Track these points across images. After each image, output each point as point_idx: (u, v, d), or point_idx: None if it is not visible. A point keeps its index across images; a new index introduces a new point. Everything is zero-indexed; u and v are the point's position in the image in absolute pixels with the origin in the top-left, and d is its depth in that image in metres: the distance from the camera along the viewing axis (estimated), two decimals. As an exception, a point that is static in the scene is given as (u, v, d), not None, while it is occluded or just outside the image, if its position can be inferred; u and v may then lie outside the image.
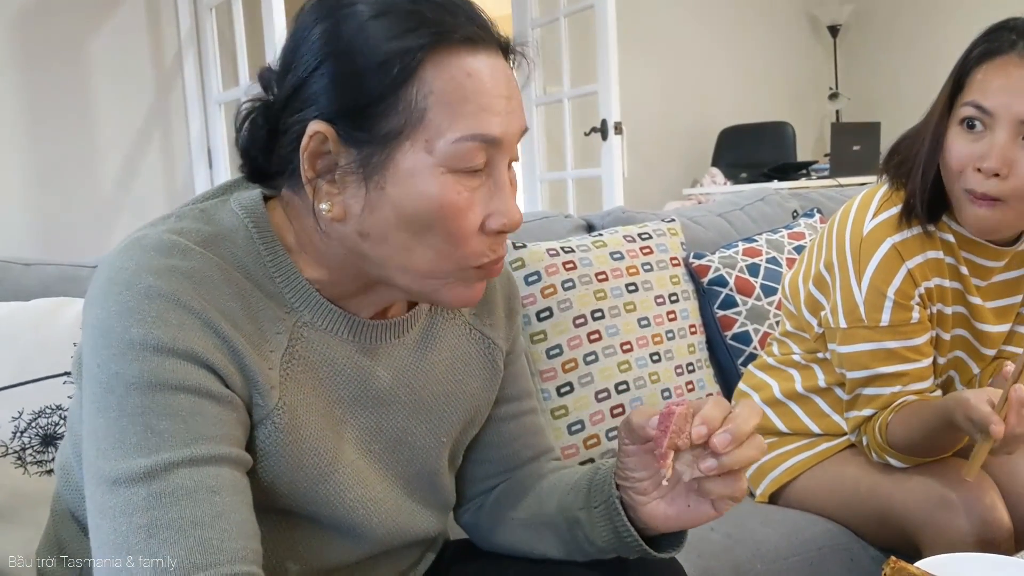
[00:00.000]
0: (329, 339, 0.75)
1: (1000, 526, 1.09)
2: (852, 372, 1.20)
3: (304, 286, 0.73)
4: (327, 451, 0.74)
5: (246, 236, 0.72)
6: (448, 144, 0.66)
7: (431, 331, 0.84)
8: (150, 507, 0.61)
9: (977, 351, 1.27)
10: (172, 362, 0.64)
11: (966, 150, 1.10)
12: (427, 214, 0.67)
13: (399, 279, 0.71)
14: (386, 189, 0.67)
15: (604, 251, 1.65)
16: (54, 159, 2.98)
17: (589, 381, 1.54)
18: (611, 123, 3.16)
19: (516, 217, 0.70)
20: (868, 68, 4.90)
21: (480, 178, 0.69)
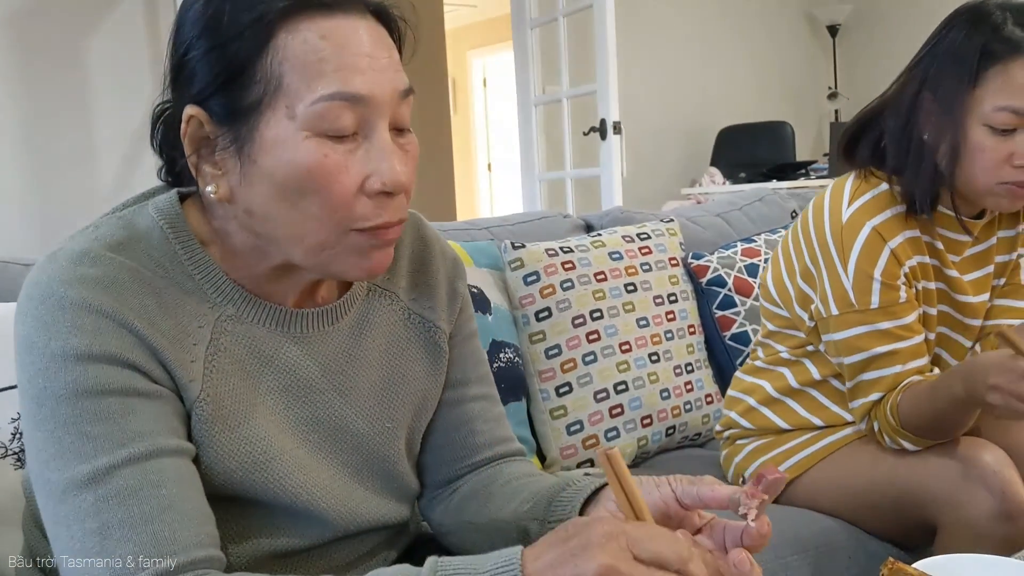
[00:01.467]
0: (255, 331, 0.75)
1: (1019, 500, 1.10)
2: (849, 358, 1.20)
3: (223, 280, 0.74)
4: (259, 440, 0.74)
5: (161, 237, 0.72)
6: (307, 107, 0.66)
7: (367, 317, 0.83)
8: (99, 511, 0.63)
9: (961, 323, 1.28)
10: (94, 368, 0.65)
11: (1001, 148, 1.13)
12: (298, 180, 0.67)
13: (294, 254, 0.71)
14: (258, 162, 0.67)
15: (603, 251, 1.65)
16: (52, 159, 2.98)
17: (588, 381, 1.54)
18: (610, 123, 3.16)
19: (396, 177, 0.68)
20: (867, 68, 4.90)
21: (354, 140, 0.68)
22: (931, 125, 1.17)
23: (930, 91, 1.17)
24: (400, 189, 0.69)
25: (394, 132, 0.71)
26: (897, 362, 1.18)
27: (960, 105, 1.14)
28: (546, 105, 3.66)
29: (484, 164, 7.64)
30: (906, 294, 1.18)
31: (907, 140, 1.19)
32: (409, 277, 0.87)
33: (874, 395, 1.19)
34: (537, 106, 3.63)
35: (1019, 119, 1.12)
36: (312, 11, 0.67)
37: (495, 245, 1.62)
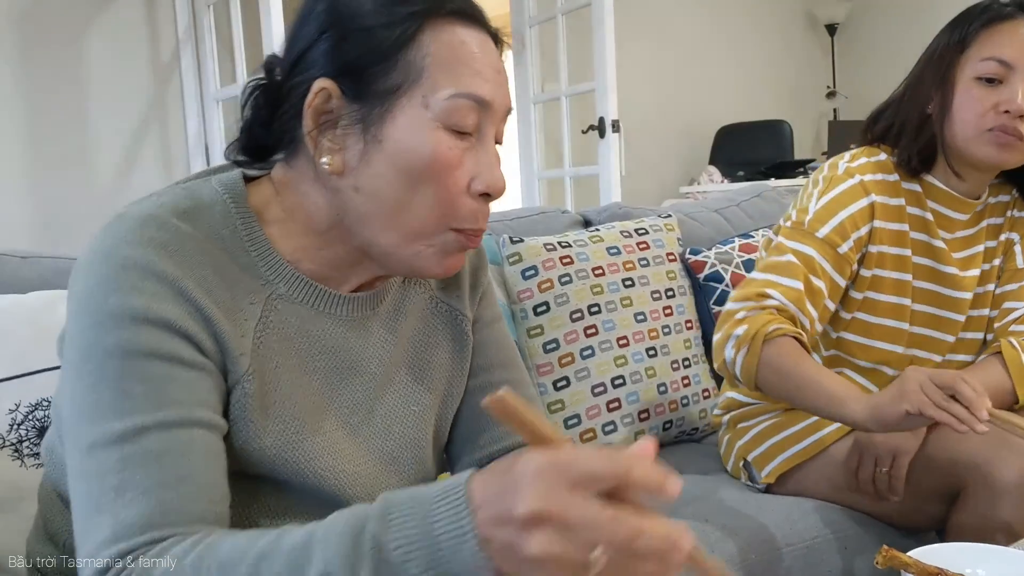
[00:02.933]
0: (305, 311, 0.77)
1: None
2: (772, 256, 1.25)
3: (278, 260, 0.76)
4: (298, 419, 0.75)
5: (224, 210, 0.75)
6: (443, 100, 0.71)
7: (402, 304, 0.86)
8: (121, 469, 0.64)
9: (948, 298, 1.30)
10: (147, 330, 0.67)
11: (988, 98, 1.20)
12: (420, 165, 0.71)
13: (384, 240, 0.74)
14: (383, 142, 0.71)
15: (601, 246, 1.65)
16: (52, 154, 2.98)
17: (585, 376, 1.55)
18: (608, 121, 3.16)
19: (500, 183, 0.74)
20: (866, 66, 4.91)
21: (470, 140, 0.73)
22: (929, 94, 1.26)
23: (927, 69, 1.27)
24: (499, 195, 0.75)
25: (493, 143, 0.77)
26: (801, 281, 1.20)
27: (951, 66, 1.24)
28: (545, 103, 3.66)
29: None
30: (847, 252, 1.24)
31: (909, 111, 1.28)
32: None
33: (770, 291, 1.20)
34: (536, 104, 3.64)
35: (1004, 69, 1.20)
36: (457, 18, 0.73)
37: (493, 240, 1.63)
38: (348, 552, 0.55)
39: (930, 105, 1.26)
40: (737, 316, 1.19)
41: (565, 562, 0.48)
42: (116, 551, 0.61)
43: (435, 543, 0.52)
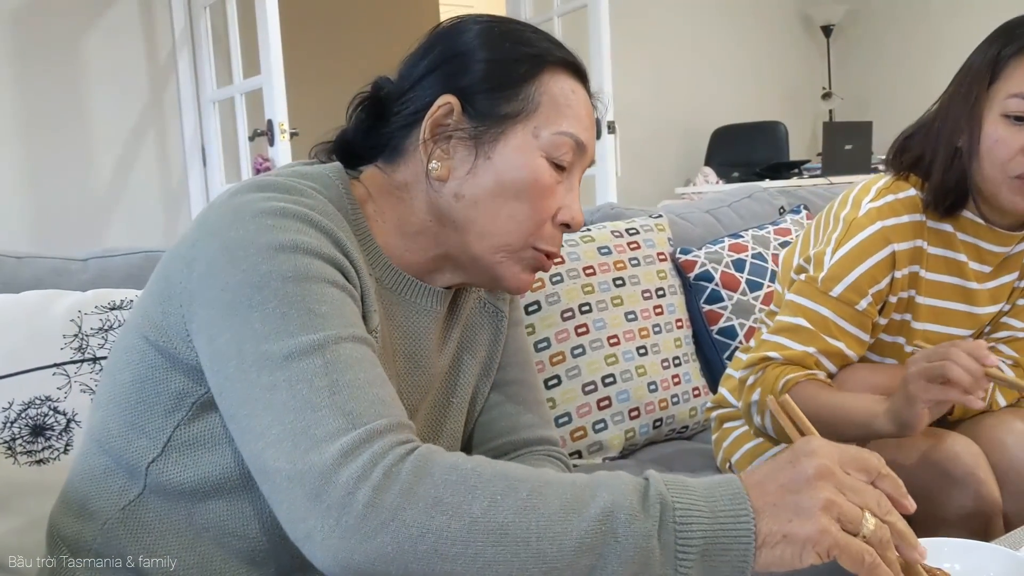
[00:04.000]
0: (394, 298, 0.85)
1: (992, 500, 1.10)
2: (783, 316, 1.23)
3: (376, 247, 0.84)
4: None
5: (338, 193, 0.82)
6: (551, 134, 0.81)
7: (457, 302, 0.94)
8: (328, 372, 0.65)
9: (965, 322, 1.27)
10: (319, 262, 0.71)
11: (1016, 139, 1.13)
12: (521, 185, 0.80)
13: (475, 246, 0.82)
14: (493, 159, 0.81)
15: (592, 246, 1.67)
16: (48, 157, 2.99)
17: (576, 374, 1.56)
18: (604, 122, 3.17)
19: (581, 218, 0.85)
20: (861, 68, 4.92)
21: (563, 175, 0.83)
22: (959, 125, 1.18)
23: (957, 97, 1.19)
24: (577, 228, 0.85)
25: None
26: (815, 346, 1.18)
27: (979, 101, 1.16)
28: (541, 104, 3.67)
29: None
30: (866, 307, 1.19)
31: (938, 146, 1.20)
32: None
33: (774, 354, 1.20)
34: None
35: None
36: (570, 70, 0.85)
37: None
38: (635, 501, 0.60)
39: (961, 138, 1.18)
40: (748, 384, 1.21)
41: (842, 512, 0.58)
42: (360, 434, 0.61)
43: (716, 516, 0.59)
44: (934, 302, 1.24)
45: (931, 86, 1.25)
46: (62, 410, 1.11)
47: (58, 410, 1.11)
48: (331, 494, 0.59)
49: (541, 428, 0.98)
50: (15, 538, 1.03)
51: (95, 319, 1.14)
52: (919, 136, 1.24)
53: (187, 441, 0.76)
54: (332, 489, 0.59)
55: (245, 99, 3.07)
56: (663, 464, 1.53)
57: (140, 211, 3.15)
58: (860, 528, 0.58)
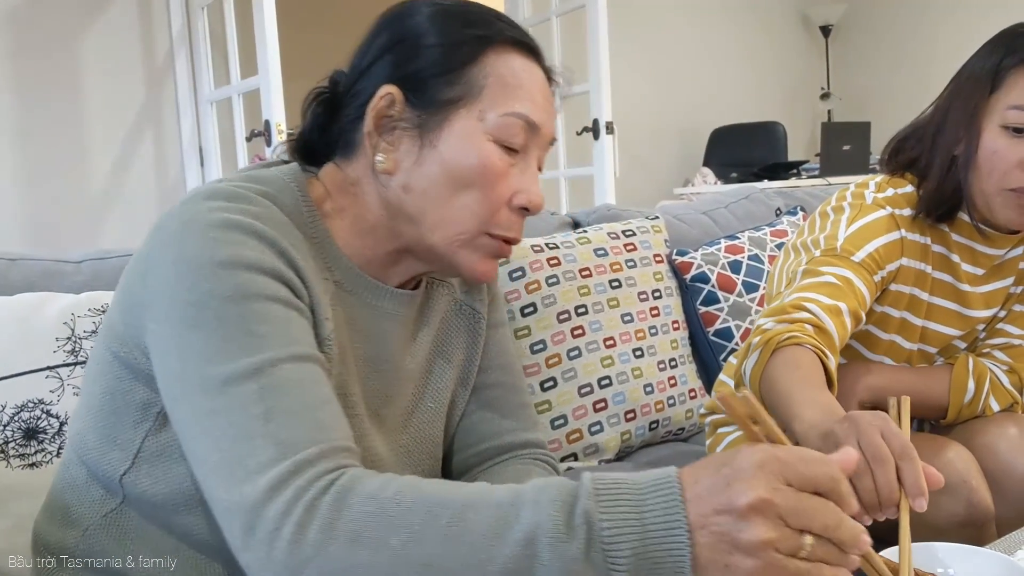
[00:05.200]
0: (352, 300, 0.83)
1: (984, 508, 1.10)
2: (805, 279, 1.13)
3: (335, 249, 0.82)
4: (347, 397, 0.80)
5: (292, 197, 0.80)
6: (497, 116, 0.78)
7: (428, 306, 0.92)
8: (263, 398, 0.65)
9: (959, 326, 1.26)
10: (261, 278, 0.70)
11: (1014, 152, 1.12)
12: (469, 171, 0.78)
13: (429, 237, 0.79)
14: (438, 147, 0.78)
15: (588, 247, 1.66)
16: (45, 157, 2.99)
17: (572, 376, 1.56)
18: (603, 123, 3.17)
19: (539, 200, 0.81)
20: (860, 68, 4.92)
21: (516, 157, 0.80)
22: (957, 133, 1.17)
23: (956, 104, 1.17)
24: (536, 211, 0.82)
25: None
26: (844, 301, 1.09)
27: (979, 110, 1.14)
28: (539, 105, 3.67)
29: (480, 164, 7.65)
30: (879, 280, 1.16)
31: (935, 153, 1.19)
32: None
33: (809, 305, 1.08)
34: (530, 106, 3.65)
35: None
36: (520, 48, 0.81)
37: (481, 241, 1.64)
38: (559, 522, 0.56)
39: (958, 147, 1.17)
40: (764, 327, 1.08)
41: (780, 546, 0.53)
42: (287, 466, 0.61)
43: (646, 530, 0.55)
44: (932, 299, 1.24)
45: (929, 86, 1.25)
46: (55, 413, 1.11)
47: (51, 413, 1.11)
48: (261, 529, 0.59)
49: (525, 432, 0.97)
50: (5, 540, 1.03)
51: (88, 322, 1.14)
52: (914, 139, 1.24)
53: (156, 452, 0.76)
54: (261, 524, 0.59)
55: (242, 99, 3.06)
56: (659, 466, 1.52)
57: (137, 212, 3.14)
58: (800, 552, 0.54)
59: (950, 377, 1.24)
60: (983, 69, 1.16)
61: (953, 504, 1.09)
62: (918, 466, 0.78)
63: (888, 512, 0.79)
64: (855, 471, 0.78)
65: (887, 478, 0.78)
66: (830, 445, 0.83)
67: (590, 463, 1.55)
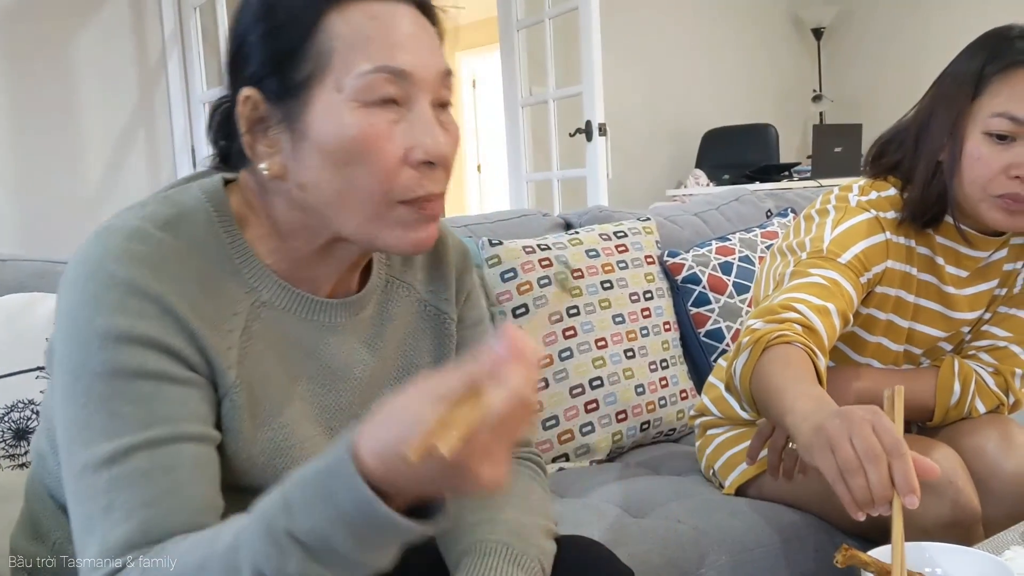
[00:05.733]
0: (287, 318, 0.78)
1: (970, 509, 1.10)
2: (794, 279, 1.14)
3: (260, 266, 0.76)
4: (286, 427, 0.76)
5: (206, 217, 0.75)
6: (354, 79, 0.70)
7: (386, 308, 0.86)
8: (109, 490, 0.65)
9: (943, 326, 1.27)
10: (133, 350, 0.67)
11: (998, 159, 1.12)
12: (346, 149, 0.70)
13: (343, 227, 0.74)
14: (308, 135, 0.71)
15: (580, 248, 1.67)
16: (38, 157, 2.98)
17: (564, 377, 1.56)
18: (595, 124, 3.17)
19: (438, 148, 0.72)
20: (852, 71, 4.94)
21: (397, 111, 0.72)
22: (939, 143, 1.17)
23: (940, 108, 1.18)
24: (441, 160, 0.73)
25: (438, 109, 0.75)
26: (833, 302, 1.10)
27: (962, 116, 1.14)
28: (533, 106, 3.68)
29: (474, 165, 7.65)
30: (865, 282, 1.17)
31: (919, 158, 1.19)
32: (425, 270, 0.90)
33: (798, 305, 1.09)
34: (524, 107, 3.65)
35: (1017, 127, 1.11)
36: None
37: (473, 242, 1.64)
38: (270, 551, 0.59)
39: (942, 152, 1.17)
40: (753, 327, 1.09)
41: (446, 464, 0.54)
42: (105, 571, 0.63)
43: (344, 517, 0.57)
44: (917, 300, 1.25)
45: (921, 88, 1.25)
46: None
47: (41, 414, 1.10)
48: None
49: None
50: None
51: (78, 322, 1.14)
52: (896, 142, 1.24)
53: None
54: None
55: (235, 100, 3.06)
56: (650, 467, 1.53)
57: (129, 212, 3.14)
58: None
59: (936, 379, 1.25)
60: (965, 74, 1.16)
61: (939, 505, 1.09)
62: (909, 463, 0.78)
63: (881, 508, 0.79)
64: (850, 468, 0.80)
65: (880, 476, 0.78)
66: (821, 440, 0.84)
67: (581, 464, 1.55)
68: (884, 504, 0.79)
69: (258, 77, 0.72)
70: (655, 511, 1.29)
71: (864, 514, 0.80)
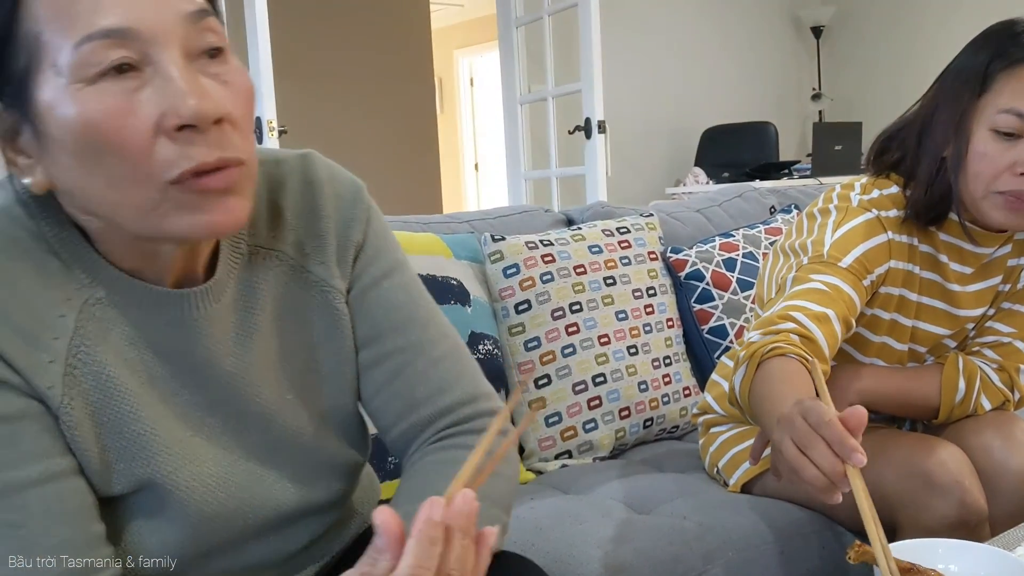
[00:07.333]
0: (131, 314, 0.69)
1: (977, 509, 1.10)
2: (794, 286, 1.14)
3: (94, 260, 0.68)
4: (144, 434, 0.69)
5: (25, 212, 0.67)
6: (69, 55, 0.59)
7: (251, 285, 0.75)
8: None
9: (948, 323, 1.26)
10: None
11: (1003, 156, 1.11)
12: (85, 138, 0.60)
13: (128, 226, 0.64)
14: (49, 132, 0.61)
15: (582, 244, 1.66)
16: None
17: (567, 373, 1.55)
18: (595, 122, 3.17)
19: (190, 108, 0.60)
20: (851, 69, 4.94)
21: (137, 78, 0.60)
22: (944, 139, 1.16)
23: (944, 105, 1.17)
24: (203, 120, 0.60)
25: (204, 60, 0.63)
26: (833, 308, 1.10)
27: (967, 113, 1.14)
28: (531, 104, 3.67)
29: (471, 163, 7.64)
30: (868, 284, 1.16)
31: (922, 155, 1.18)
32: (297, 230, 0.78)
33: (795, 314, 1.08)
34: (523, 105, 3.65)
35: (1021, 123, 1.10)
36: None
37: (475, 238, 1.63)
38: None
39: (946, 149, 1.16)
40: (751, 339, 1.08)
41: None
42: None
43: None
44: (920, 299, 1.24)
45: (921, 87, 1.25)
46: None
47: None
48: None
49: (442, 395, 0.80)
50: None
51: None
52: (898, 139, 1.23)
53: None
54: None
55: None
56: (653, 464, 1.52)
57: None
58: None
59: (940, 377, 1.24)
60: (970, 70, 1.15)
61: (946, 505, 1.08)
62: (837, 426, 0.78)
63: (843, 485, 0.79)
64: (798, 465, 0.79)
65: (822, 454, 0.78)
66: (774, 452, 0.85)
67: (584, 460, 1.54)
68: (840, 478, 0.78)
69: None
70: (659, 508, 1.28)
71: (838, 495, 0.79)
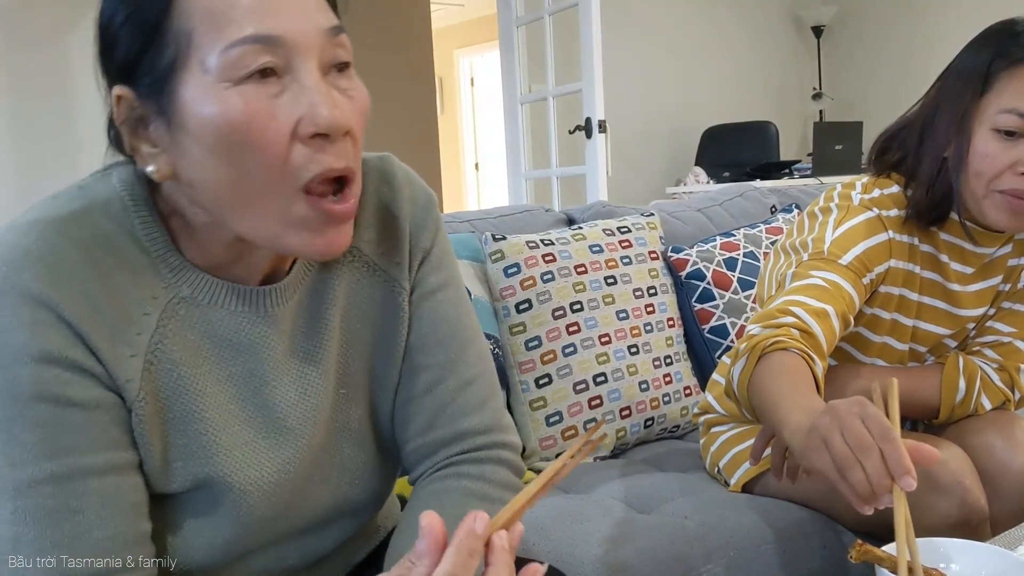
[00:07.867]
0: (213, 313, 0.72)
1: (978, 508, 1.09)
2: (794, 282, 1.14)
3: (179, 261, 0.70)
4: (207, 434, 0.71)
5: (121, 208, 0.69)
6: (219, 56, 0.62)
7: (326, 279, 0.78)
8: (16, 522, 0.63)
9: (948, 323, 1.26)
10: (30, 369, 0.63)
11: (1005, 156, 1.11)
12: (225, 135, 0.63)
13: (244, 226, 0.67)
14: (185, 127, 0.64)
15: (583, 244, 1.66)
16: (36, 154, 2.96)
17: (567, 373, 1.55)
18: (595, 121, 3.17)
19: (326, 118, 0.63)
20: (852, 69, 4.93)
21: (278, 84, 0.64)
22: (945, 139, 1.16)
23: (945, 104, 1.17)
24: (335, 130, 0.64)
25: (334, 73, 0.67)
26: (832, 304, 1.10)
27: (968, 112, 1.14)
28: (532, 104, 3.67)
29: (471, 163, 7.64)
30: (868, 282, 1.17)
31: (923, 155, 1.18)
32: (376, 229, 0.80)
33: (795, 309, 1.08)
34: (523, 104, 3.64)
35: (1022, 122, 1.10)
36: None
37: (476, 237, 1.63)
38: None
39: (948, 148, 1.16)
40: (752, 332, 1.08)
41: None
42: None
43: None
44: (921, 298, 1.24)
45: (921, 86, 1.25)
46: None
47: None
48: None
49: (463, 419, 0.81)
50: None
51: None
52: (899, 139, 1.23)
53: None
54: None
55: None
56: (654, 464, 1.52)
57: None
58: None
59: (941, 377, 1.24)
60: (972, 69, 1.15)
61: (947, 505, 1.08)
62: (899, 446, 0.77)
63: (884, 500, 0.78)
64: (846, 464, 0.78)
65: (875, 465, 0.77)
66: (814, 441, 0.83)
67: (585, 460, 1.54)
68: (885, 493, 0.77)
69: (127, 72, 0.65)
70: (661, 507, 1.28)
71: (871, 507, 0.79)
